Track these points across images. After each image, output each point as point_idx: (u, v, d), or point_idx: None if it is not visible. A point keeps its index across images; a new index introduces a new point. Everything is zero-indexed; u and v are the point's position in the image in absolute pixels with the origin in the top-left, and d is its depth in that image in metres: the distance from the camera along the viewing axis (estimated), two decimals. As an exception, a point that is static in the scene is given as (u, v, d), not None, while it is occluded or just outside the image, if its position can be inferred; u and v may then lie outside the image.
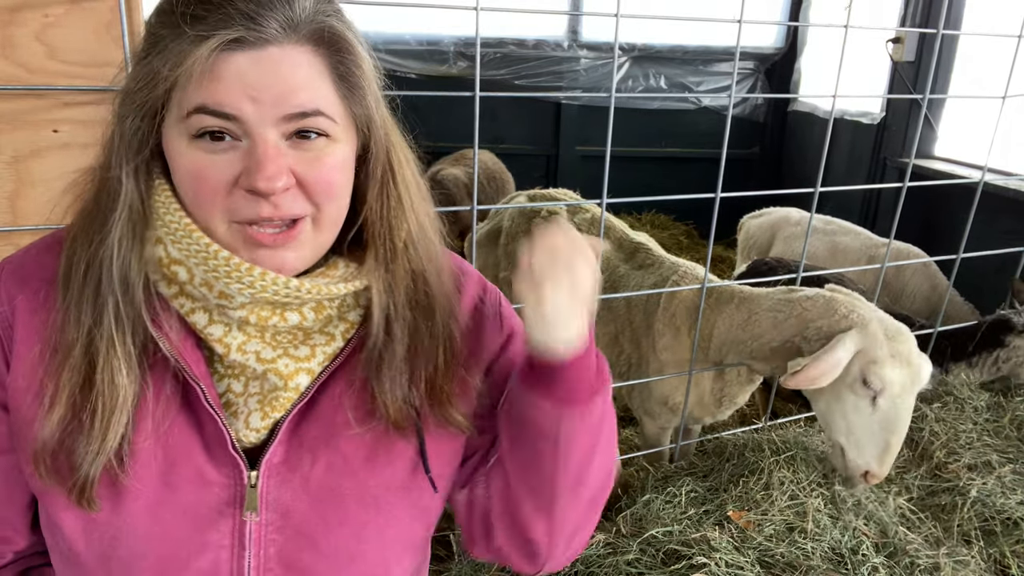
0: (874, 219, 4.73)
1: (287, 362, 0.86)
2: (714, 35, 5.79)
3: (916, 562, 1.87)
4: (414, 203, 0.90)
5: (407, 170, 0.90)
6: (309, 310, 0.86)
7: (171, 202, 0.81)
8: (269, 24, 0.75)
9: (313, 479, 0.88)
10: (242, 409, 0.87)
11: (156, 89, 0.76)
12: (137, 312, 0.80)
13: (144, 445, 0.82)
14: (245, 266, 0.80)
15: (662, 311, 2.28)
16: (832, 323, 1.93)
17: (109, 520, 0.83)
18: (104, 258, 0.79)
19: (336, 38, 0.80)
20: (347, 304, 0.90)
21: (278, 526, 0.87)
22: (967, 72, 4.25)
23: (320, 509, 0.88)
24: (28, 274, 0.86)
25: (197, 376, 0.83)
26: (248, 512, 0.86)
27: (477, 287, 1.02)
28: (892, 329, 1.91)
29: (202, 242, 0.80)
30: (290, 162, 0.79)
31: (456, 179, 4.50)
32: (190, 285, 0.83)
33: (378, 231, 0.88)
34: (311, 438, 0.88)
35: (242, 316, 0.83)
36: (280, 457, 0.87)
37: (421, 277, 0.90)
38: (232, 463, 0.85)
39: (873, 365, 1.84)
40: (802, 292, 2.07)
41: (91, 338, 0.79)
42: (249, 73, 0.75)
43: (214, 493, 0.85)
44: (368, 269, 0.88)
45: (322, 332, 0.89)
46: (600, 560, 1.87)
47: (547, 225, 0.85)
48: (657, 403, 2.34)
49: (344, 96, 0.82)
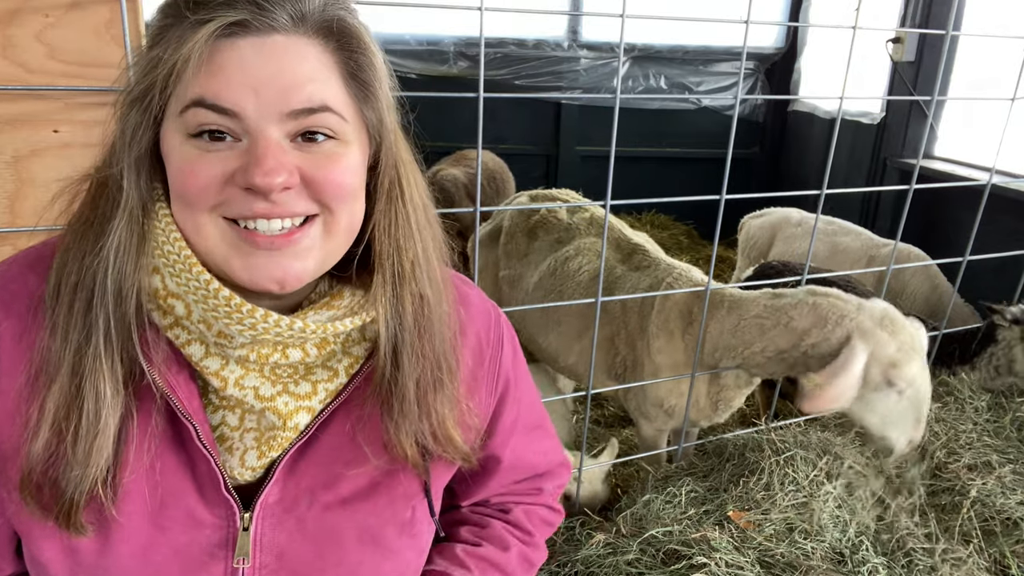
0: (874, 219, 4.73)
1: (287, 400, 0.82)
2: (714, 35, 5.78)
3: (916, 562, 1.87)
4: (420, 225, 0.85)
5: (415, 189, 0.85)
6: (312, 347, 0.82)
7: (172, 230, 0.76)
8: (276, 12, 0.71)
9: (310, 520, 0.85)
10: (237, 445, 0.83)
11: (156, 76, 0.71)
12: (127, 331, 0.75)
13: (133, 483, 0.78)
14: (247, 307, 0.75)
15: (656, 314, 2.27)
16: (827, 335, 1.94)
17: (96, 562, 0.79)
18: (98, 269, 0.74)
19: (347, 33, 0.75)
20: (352, 339, 0.86)
21: (272, 569, 0.84)
22: (967, 73, 4.25)
23: (317, 550, 0.85)
24: (13, 296, 0.79)
25: (190, 413, 0.78)
26: (239, 558, 0.82)
27: (481, 324, 0.98)
28: (881, 317, 1.93)
29: (202, 279, 0.75)
30: (295, 161, 0.74)
31: (455, 179, 4.50)
32: (187, 320, 0.78)
33: (386, 250, 0.83)
34: (309, 478, 0.85)
35: (242, 355, 0.79)
36: (276, 497, 0.83)
37: (427, 303, 0.86)
38: (225, 504, 0.81)
39: (893, 369, 1.88)
40: (786, 298, 2.05)
41: (79, 356, 0.74)
42: (251, 62, 0.70)
43: (206, 535, 0.81)
44: (375, 294, 0.82)
45: (324, 367, 0.85)
46: (600, 560, 1.87)
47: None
48: (653, 406, 2.33)
49: (355, 96, 0.77)
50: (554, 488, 1.20)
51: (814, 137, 5.68)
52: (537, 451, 1.12)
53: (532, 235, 2.81)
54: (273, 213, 0.74)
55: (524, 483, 1.14)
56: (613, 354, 2.41)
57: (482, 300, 1.02)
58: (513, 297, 2.83)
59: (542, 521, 1.17)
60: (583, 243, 2.63)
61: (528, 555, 1.11)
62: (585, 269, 2.53)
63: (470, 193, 4.38)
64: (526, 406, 1.08)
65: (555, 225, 2.76)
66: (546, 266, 2.66)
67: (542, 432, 1.14)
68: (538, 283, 2.67)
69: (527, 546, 1.11)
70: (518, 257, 2.84)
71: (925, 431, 2.41)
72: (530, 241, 2.81)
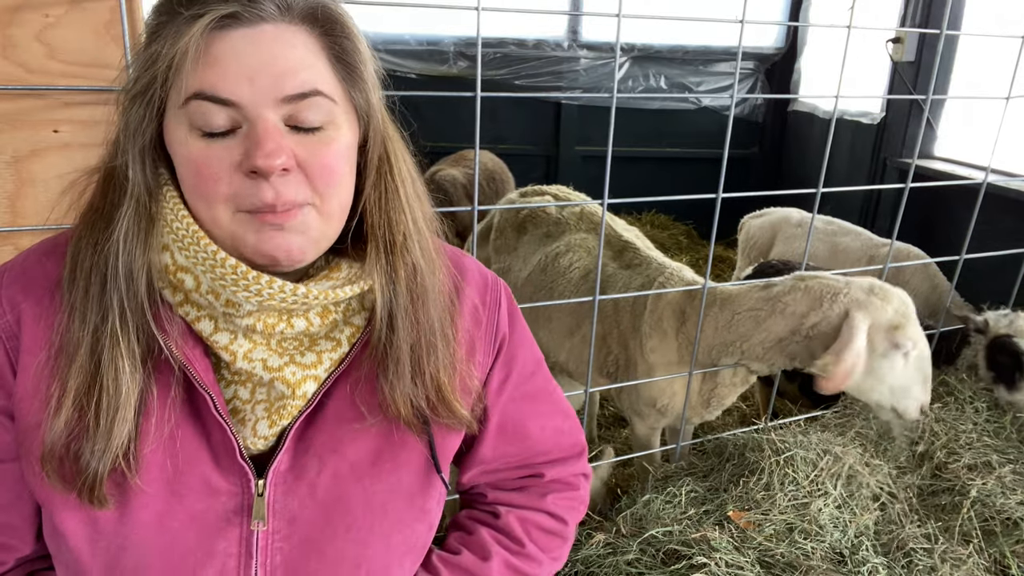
0: (874, 219, 4.73)
1: (294, 370, 0.86)
2: (714, 35, 5.78)
3: (916, 562, 1.87)
4: (409, 197, 0.90)
5: (403, 164, 0.90)
6: (315, 315, 0.86)
7: (179, 208, 0.81)
8: (264, 2, 0.75)
9: (320, 486, 0.88)
10: (249, 416, 0.86)
11: (156, 71, 0.75)
12: (141, 309, 0.79)
13: (151, 453, 0.82)
14: (252, 274, 0.79)
15: (648, 313, 2.27)
16: (826, 313, 1.98)
17: (115, 530, 0.82)
18: (110, 254, 0.78)
19: (331, 19, 0.80)
20: (352, 308, 0.90)
21: (285, 534, 0.87)
22: (966, 72, 4.25)
23: (327, 516, 0.88)
24: (32, 280, 0.85)
25: (206, 384, 0.82)
26: (256, 521, 0.85)
27: (477, 289, 1.01)
28: (870, 288, 2.00)
29: (209, 249, 0.79)
30: (291, 145, 0.78)
31: (454, 180, 4.50)
32: (196, 293, 0.82)
33: (377, 222, 0.87)
34: (318, 444, 0.88)
35: (249, 324, 0.83)
36: (287, 465, 0.87)
37: (420, 272, 0.90)
38: (240, 472, 0.85)
39: (896, 331, 1.94)
40: (777, 287, 2.08)
41: (96, 336, 0.78)
42: (245, 52, 0.75)
43: (221, 502, 0.85)
44: (370, 264, 0.87)
45: (328, 338, 0.89)
46: (600, 560, 1.87)
47: None
48: (646, 404, 2.33)
49: (342, 78, 0.82)
50: (561, 478, 1.12)
51: (814, 137, 5.68)
52: (537, 424, 1.07)
53: (521, 229, 2.81)
54: (279, 202, 0.77)
55: (521, 467, 1.09)
56: (605, 353, 2.41)
57: (479, 268, 1.05)
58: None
59: (539, 530, 1.09)
60: (573, 239, 2.61)
61: (517, 566, 1.05)
62: (576, 266, 2.52)
63: (469, 193, 4.38)
64: (523, 369, 1.05)
65: (544, 219, 2.75)
66: (536, 262, 2.66)
67: (548, 406, 1.10)
68: (528, 278, 2.66)
69: (515, 556, 1.05)
70: (507, 251, 2.84)
71: (926, 428, 2.42)
72: (519, 235, 2.81)
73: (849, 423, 2.48)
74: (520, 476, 1.11)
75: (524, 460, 1.09)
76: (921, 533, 1.99)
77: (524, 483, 1.12)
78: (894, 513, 2.08)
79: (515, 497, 1.11)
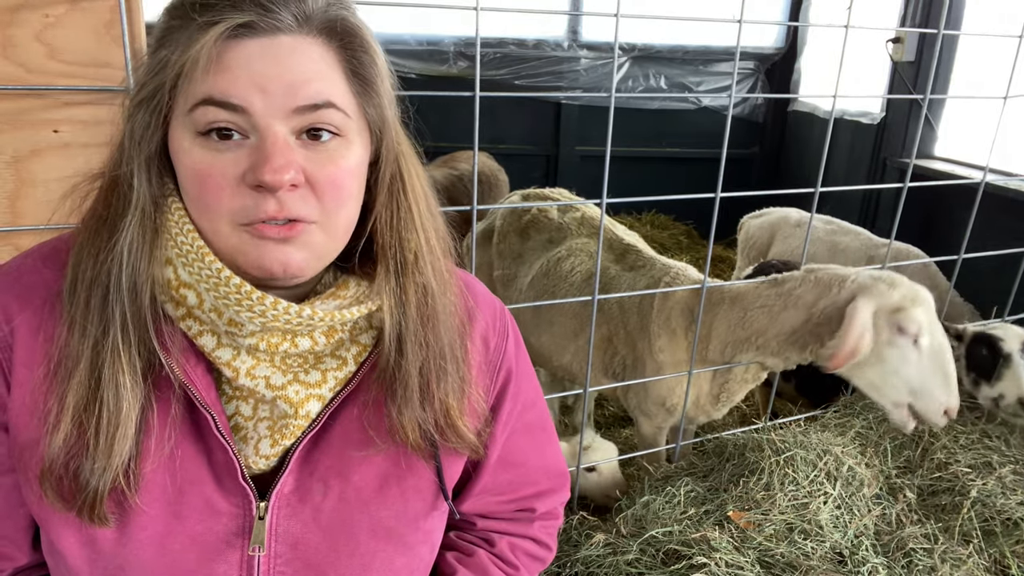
0: (874, 219, 4.72)
1: (297, 388, 0.83)
2: (714, 35, 5.78)
3: (916, 562, 1.87)
4: (422, 216, 0.87)
5: (417, 181, 0.87)
6: (320, 335, 0.83)
7: (184, 222, 0.78)
8: (281, 13, 0.73)
9: (325, 511, 0.86)
10: (251, 434, 0.84)
11: (164, 77, 0.73)
12: (143, 324, 0.77)
13: (152, 472, 0.79)
14: (256, 295, 0.77)
15: (656, 313, 2.27)
16: (834, 298, 1.99)
17: (115, 550, 0.80)
18: (113, 265, 0.76)
19: (349, 32, 0.78)
20: (359, 327, 0.88)
21: (287, 558, 0.85)
22: (967, 72, 4.25)
23: (331, 541, 0.86)
24: (29, 288, 0.81)
25: (208, 403, 0.80)
26: (254, 546, 0.83)
27: (487, 314, 1.00)
28: (879, 275, 2.01)
29: (214, 267, 0.77)
30: (300, 160, 0.75)
31: (433, 181, 4.45)
32: (199, 310, 0.80)
33: (388, 242, 0.85)
34: (323, 468, 0.86)
35: (252, 343, 0.80)
36: (291, 487, 0.85)
37: (431, 293, 0.87)
38: (241, 493, 0.83)
39: (899, 313, 1.92)
40: (788, 282, 2.10)
41: (97, 350, 0.76)
42: (258, 61, 0.72)
43: (222, 523, 0.83)
44: (379, 285, 0.85)
45: (333, 356, 0.86)
46: (600, 560, 1.87)
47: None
48: (654, 404, 2.34)
49: (357, 93, 0.79)
50: (549, 510, 1.16)
51: (814, 137, 5.68)
52: (535, 454, 1.10)
53: (524, 235, 2.82)
54: (281, 215, 0.75)
55: (514, 500, 1.11)
56: (611, 354, 2.42)
57: (487, 293, 1.04)
58: (507, 297, 2.83)
59: (527, 555, 1.13)
60: (575, 244, 2.63)
61: None
62: (578, 270, 2.53)
63: (450, 195, 4.34)
64: (526, 400, 1.06)
65: (546, 224, 2.77)
66: (539, 267, 2.67)
67: (543, 435, 1.12)
68: (531, 283, 2.67)
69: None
70: (511, 257, 2.85)
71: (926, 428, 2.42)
72: (523, 241, 2.82)
73: (849, 423, 2.48)
74: (513, 510, 1.13)
75: (517, 491, 1.10)
76: (921, 533, 1.99)
77: (516, 515, 1.13)
78: (894, 513, 2.08)
79: (506, 525, 1.12)
